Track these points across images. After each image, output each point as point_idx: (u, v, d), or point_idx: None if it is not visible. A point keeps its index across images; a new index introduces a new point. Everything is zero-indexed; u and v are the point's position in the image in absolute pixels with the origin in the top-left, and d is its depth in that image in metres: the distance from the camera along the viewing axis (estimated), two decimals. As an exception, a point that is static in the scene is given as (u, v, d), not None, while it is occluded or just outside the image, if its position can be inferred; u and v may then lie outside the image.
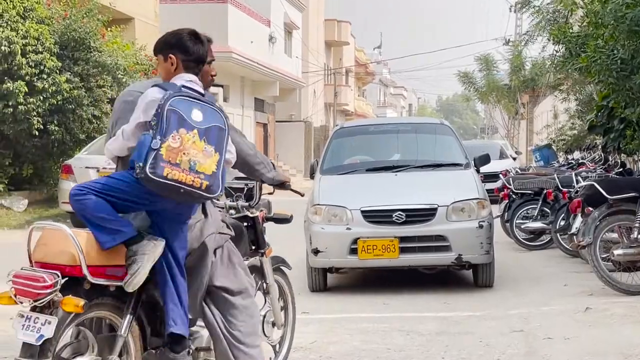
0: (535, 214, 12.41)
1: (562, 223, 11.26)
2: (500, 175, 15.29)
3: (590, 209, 8.66)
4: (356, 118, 55.16)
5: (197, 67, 4.10)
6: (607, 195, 8.49)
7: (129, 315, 3.93)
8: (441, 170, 9.89)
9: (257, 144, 34.87)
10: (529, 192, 12.63)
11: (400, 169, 9.81)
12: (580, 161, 16.87)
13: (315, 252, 8.90)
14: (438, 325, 7.23)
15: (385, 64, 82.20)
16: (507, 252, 12.16)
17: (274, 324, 5.19)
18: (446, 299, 8.58)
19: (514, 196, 12.76)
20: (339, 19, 55.33)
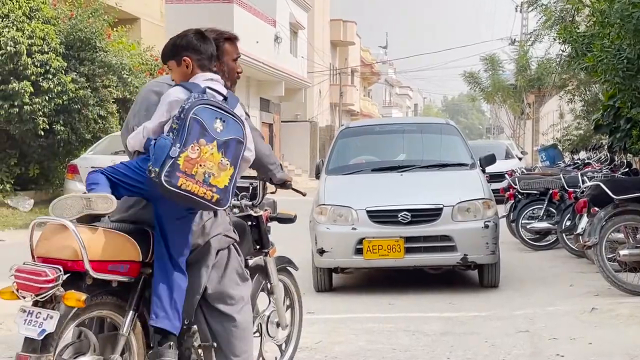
0: (541, 214, 12.39)
1: (568, 223, 11.23)
2: (506, 175, 15.27)
3: (596, 209, 8.63)
4: (362, 118, 55.14)
5: (210, 64, 4.12)
6: (613, 196, 8.47)
7: (131, 313, 3.92)
8: (447, 170, 9.88)
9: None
10: (535, 192, 12.60)
11: (405, 169, 9.80)
12: (586, 161, 16.83)
13: (321, 252, 8.90)
14: (443, 326, 7.22)
15: (390, 64, 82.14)
16: (513, 252, 12.15)
17: (278, 325, 5.17)
18: (451, 299, 8.57)
19: (519, 196, 12.74)
20: (344, 18, 55.33)
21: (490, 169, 10.20)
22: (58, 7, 17.95)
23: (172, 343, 3.98)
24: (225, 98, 3.98)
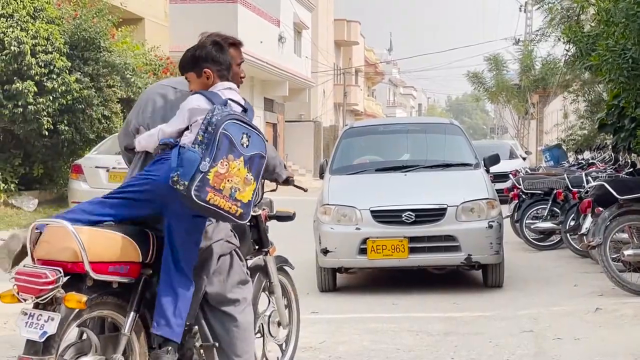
0: (545, 214, 12.38)
1: (572, 223, 11.22)
2: (510, 175, 15.27)
3: (601, 209, 8.63)
4: (366, 118, 55.17)
5: (228, 74, 4.19)
6: (617, 196, 8.46)
7: (132, 313, 3.93)
8: (451, 170, 9.88)
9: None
10: (539, 192, 12.59)
11: (409, 169, 9.79)
12: (591, 161, 16.78)
13: (325, 252, 8.90)
14: (447, 326, 7.21)
15: (394, 63, 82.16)
16: (517, 252, 12.14)
17: (279, 324, 5.18)
18: (455, 299, 8.56)
19: (523, 196, 12.73)
20: (348, 18, 55.34)
21: (494, 169, 10.20)
22: (62, 7, 17.94)
23: (169, 348, 3.97)
24: (245, 110, 4.04)
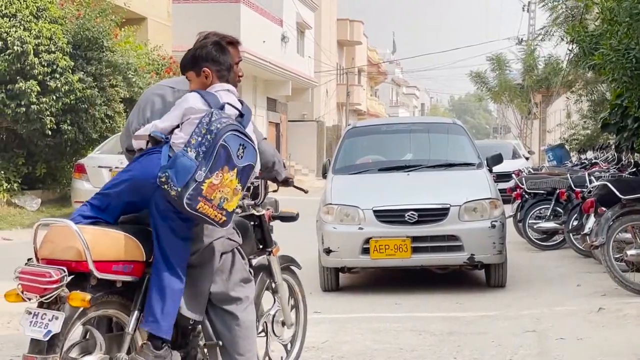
0: (548, 214, 12.37)
1: (575, 223, 11.20)
2: (513, 175, 15.23)
3: (604, 209, 8.61)
4: (368, 118, 55.16)
5: (229, 75, 4.21)
6: (620, 195, 8.45)
7: (136, 312, 3.93)
8: (454, 170, 9.87)
9: (270, 144, 34.87)
10: (542, 192, 12.58)
11: (412, 169, 9.79)
12: (594, 161, 16.76)
13: (328, 251, 8.90)
14: (450, 325, 7.21)
15: (397, 63, 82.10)
16: (520, 252, 12.13)
17: (283, 324, 5.17)
18: (458, 299, 8.56)
19: (526, 196, 12.72)
20: (351, 18, 55.33)
21: (497, 168, 10.19)
22: (65, 7, 17.95)
23: (162, 344, 3.94)
24: (241, 115, 4.05)
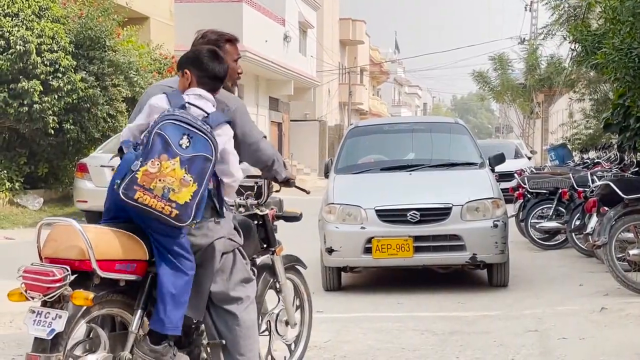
0: (550, 214, 12.37)
1: (578, 223, 11.20)
2: (515, 174, 15.24)
3: (606, 208, 8.61)
4: (371, 117, 55.18)
5: (212, 84, 4.13)
6: (623, 195, 8.45)
7: (139, 311, 3.94)
8: (456, 170, 9.86)
9: (272, 143, 34.91)
10: (544, 191, 12.58)
11: (414, 168, 9.78)
12: (596, 160, 16.76)
13: (330, 251, 8.90)
14: (452, 325, 7.21)
15: (399, 63, 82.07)
16: (522, 251, 12.12)
17: (287, 323, 5.17)
18: (460, 299, 8.56)
19: (528, 195, 12.72)
20: (353, 17, 55.33)
21: (499, 168, 10.18)
22: (68, 6, 17.96)
23: (158, 339, 3.96)
24: (207, 114, 4.00)
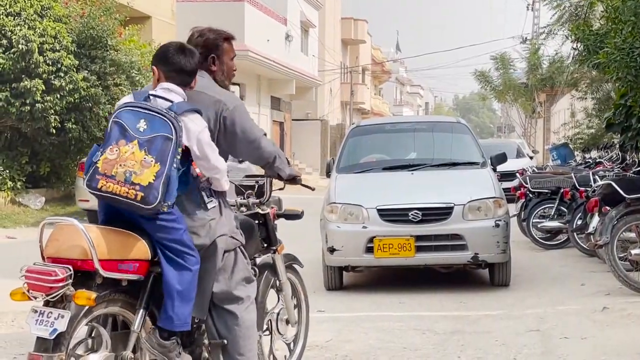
0: (552, 213, 12.37)
1: (579, 222, 11.20)
2: (517, 174, 15.24)
3: (608, 208, 8.61)
4: (372, 116, 55.17)
5: (179, 77, 4.07)
6: (625, 195, 8.45)
7: (141, 311, 3.94)
8: (458, 169, 9.87)
9: (273, 141, 34.87)
10: (546, 191, 12.58)
11: (416, 168, 9.78)
12: (598, 160, 16.76)
13: (331, 250, 8.90)
14: (454, 325, 7.21)
15: (401, 62, 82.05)
16: (524, 251, 12.12)
17: (287, 322, 5.18)
18: (462, 298, 8.56)
19: (530, 195, 12.72)
20: (355, 17, 55.31)
21: (501, 167, 10.19)
22: (70, 6, 17.97)
23: (165, 334, 3.97)
24: (171, 102, 3.97)
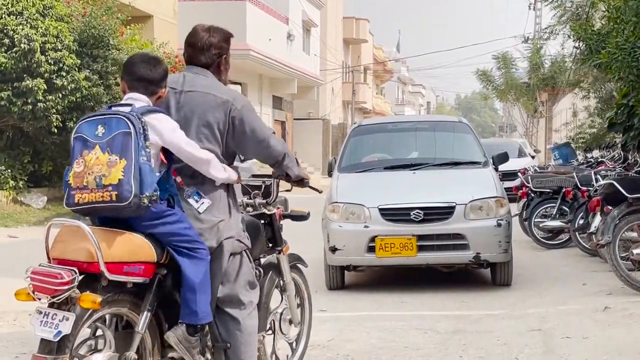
0: (554, 213, 12.37)
1: (581, 222, 11.20)
2: (519, 173, 15.22)
3: (610, 207, 8.61)
4: (374, 116, 55.15)
5: (142, 86, 4.05)
6: (627, 194, 8.45)
7: (146, 312, 3.94)
8: (459, 169, 9.87)
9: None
10: (548, 190, 12.58)
11: (418, 167, 9.78)
12: (600, 160, 16.77)
13: (333, 250, 8.90)
14: (455, 324, 7.21)
15: (403, 61, 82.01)
16: (526, 250, 12.12)
17: (290, 322, 5.19)
18: (464, 298, 8.56)
19: (532, 194, 12.72)
20: (357, 16, 55.30)
21: (503, 167, 10.18)
22: (71, 5, 17.97)
23: (192, 330, 4.03)
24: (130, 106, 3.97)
